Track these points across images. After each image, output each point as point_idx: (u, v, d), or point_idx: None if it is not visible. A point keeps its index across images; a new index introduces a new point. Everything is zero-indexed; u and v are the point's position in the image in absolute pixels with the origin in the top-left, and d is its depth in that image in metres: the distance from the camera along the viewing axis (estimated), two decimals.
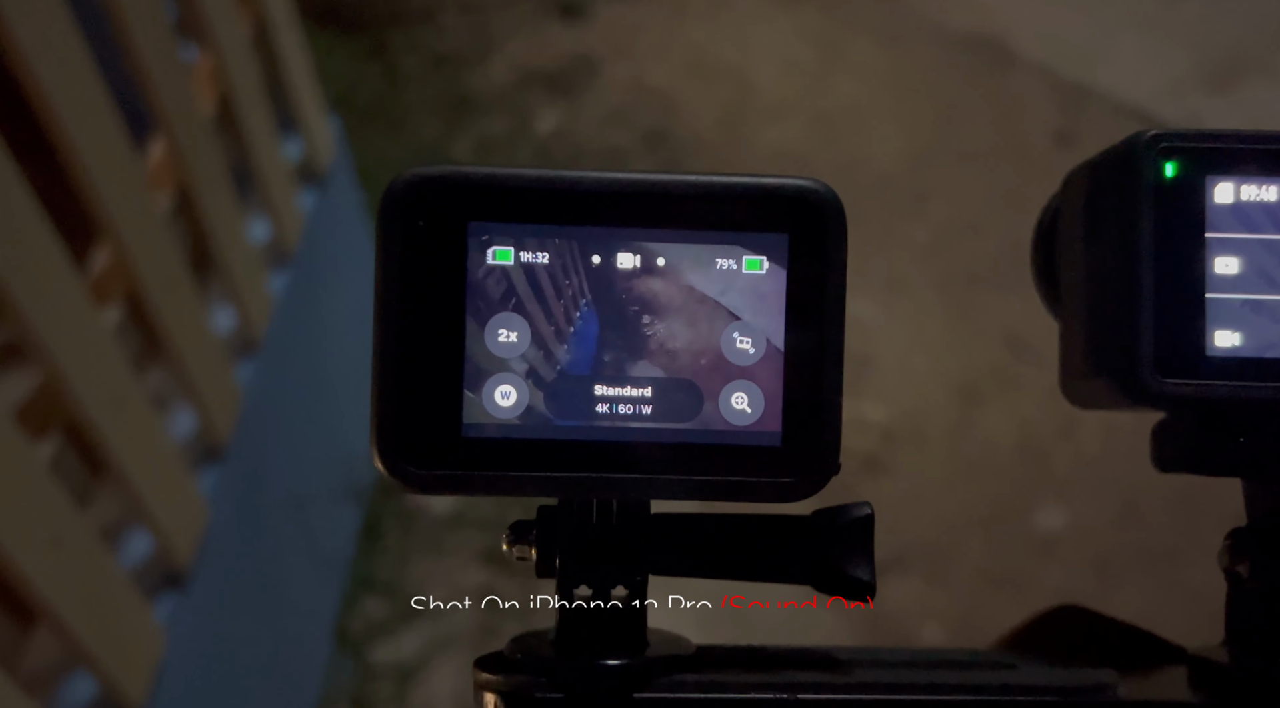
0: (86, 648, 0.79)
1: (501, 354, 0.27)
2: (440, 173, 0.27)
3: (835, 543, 0.30)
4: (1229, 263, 0.29)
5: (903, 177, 2.00)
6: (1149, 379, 0.28)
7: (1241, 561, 0.30)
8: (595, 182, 0.27)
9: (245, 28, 1.24)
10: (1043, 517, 1.48)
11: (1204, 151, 0.29)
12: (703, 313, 0.27)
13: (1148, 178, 0.28)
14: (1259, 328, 0.28)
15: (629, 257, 0.27)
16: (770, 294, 0.27)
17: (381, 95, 2.21)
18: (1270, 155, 0.29)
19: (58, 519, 0.77)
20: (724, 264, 0.27)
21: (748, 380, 0.27)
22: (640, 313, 0.27)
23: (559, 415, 0.27)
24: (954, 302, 1.75)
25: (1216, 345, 0.28)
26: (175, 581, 0.96)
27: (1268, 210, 0.29)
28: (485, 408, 0.27)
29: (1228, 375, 0.28)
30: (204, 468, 1.05)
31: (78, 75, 0.84)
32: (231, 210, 1.12)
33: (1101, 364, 0.30)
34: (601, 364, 0.27)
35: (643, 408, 0.27)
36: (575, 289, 0.27)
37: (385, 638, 1.37)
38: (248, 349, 1.16)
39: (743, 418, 0.27)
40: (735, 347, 0.27)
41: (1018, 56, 2.19)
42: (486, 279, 0.27)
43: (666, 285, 0.27)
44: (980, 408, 1.61)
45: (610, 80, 2.23)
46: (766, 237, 0.27)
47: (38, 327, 0.76)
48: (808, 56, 2.26)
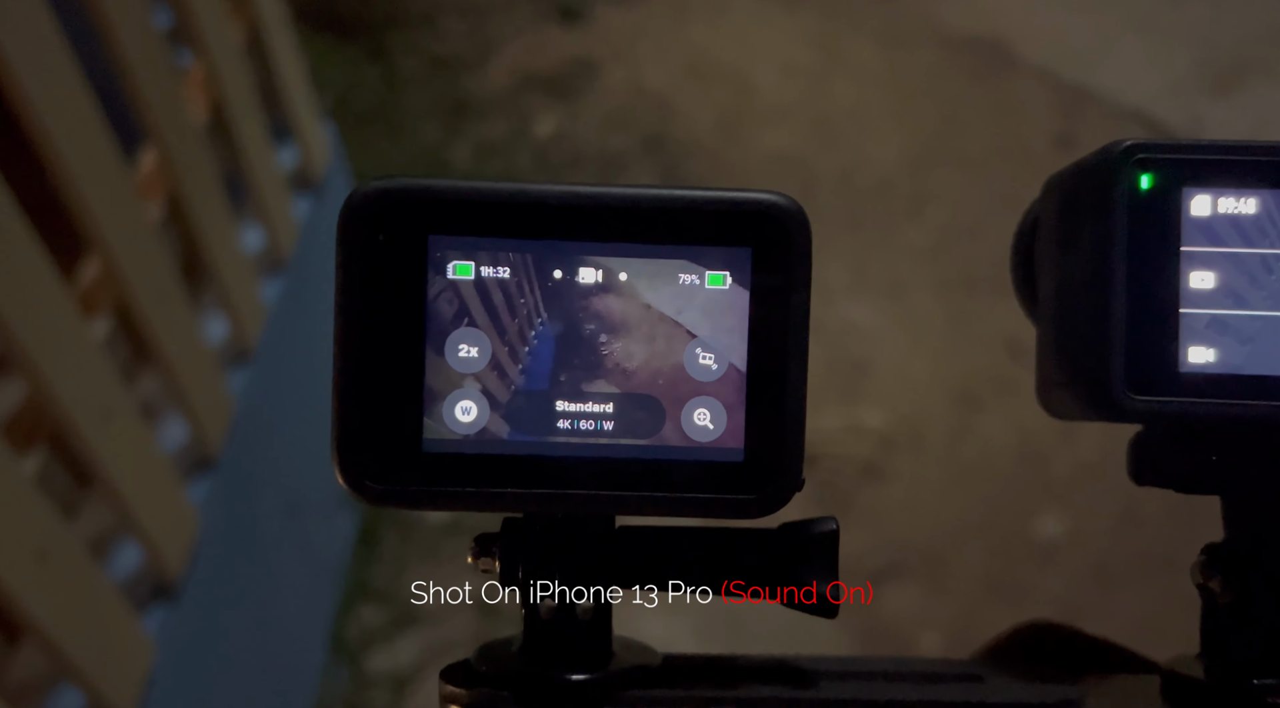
0: (73, 662, 0.79)
1: (462, 369, 0.27)
2: (400, 186, 0.27)
3: (800, 559, 0.29)
4: (1204, 277, 0.28)
5: (902, 180, 1.99)
6: (1120, 395, 0.28)
7: (1214, 576, 0.30)
8: (557, 195, 0.27)
9: (238, 34, 1.23)
10: (1042, 523, 1.47)
11: (1181, 163, 0.28)
12: (664, 329, 0.27)
13: (1123, 189, 0.28)
14: (1233, 345, 0.28)
15: (590, 271, 0.27)
16: (733, 309, 0.27)
17: (380, 99, 2.21)
18: (1248, 166, 0.28)
19: (44, 532, 0.76)
20: (686, 279, 0.27)
21: (710, 397, 0.27)
22: (601, 329, 0.27)
23: (520, 431, 0.27)
24: (953, 306, 1.75)
25: (1190, 362, 0.28)
26: (165, 592, 0.96)
27: (1245, 223, 0.28)
28: (446, 423, 0.27)
29: (1201, 392, 0.28)
30: (195, 478, 1.05)
31: (64, 84, 0.84)
32: (224, 219, 1.12)
33: (1074, 376, 0.29)
34: (560, 380, 0.27)
35: (604, 424, 0.27)
36: (532, 305, 0.27)
37: (381, 646, 1.37)
38: (240, 358, 1.16)
39: (705, 434, 0.27)
40: (697, 363, 0.27)
41: (1018, 59, 2.18)
42: (447, 293, 0.27)
43: (627, 301, 0.27)
44: (979, 413, 1.60)
45: (609, 83, 2.22)
46: (729, 251, 0.27)
47: (24, 339, 0.75)
48: (807, 59, 2.25)
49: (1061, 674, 0.31)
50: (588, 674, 0.28)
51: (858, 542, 1.47)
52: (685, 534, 0.30)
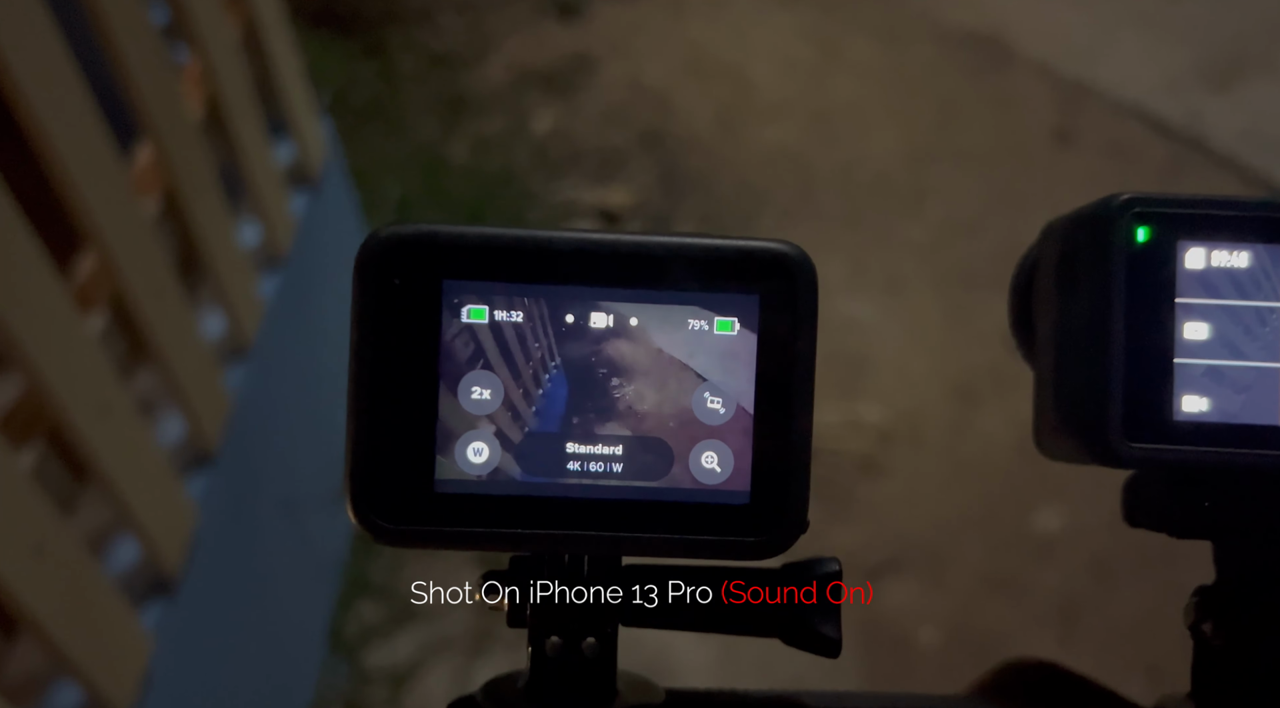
0: (71, 656, 0.79)
1: (474, 411, 0.27)
2: (415, 232, 0.27)
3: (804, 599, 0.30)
4: (1198, 328, 0.29)
5: (901, 175, 1.99)
6: (1116, 442, 0.28)
7: (1207, 619, 0.31)
8: (569, 241, 0.27)
9: (234, 30, 1.23)
10: (1040, 518, 1.47)
11: (1177, 217, 0.29)
12: (674, 373, 0.28)
13: (1120, 241, 0.28)
14: (1226, 394, 0.28)
15: (602, 316, 0.28)
16: (741, 355, 0.28)
17: (378, 95, 2.21)
18: (1242, 221, 0.28)
19: (40, 527, 0.76)
20: (695, 324, 0.28)
21: (717, 440, 0.28)
22: (611, 372, 0.28)
23: (530, 472, 0.28)
24: (952, 302, 1.75)
25: (1184, 410, 0.28)
26: (164, 587, 0.96)
27: (1238, 277, 0.29)
28: (458, 464, 0.27)
29: (1194, 440, 0.28)
30: (193, 473, 1.05)
31: (61, 79, 0.83)
32: (221, 214, 1.12)
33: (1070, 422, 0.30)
34: (571, 423, 0.28)
35: (614, 466, 0.28)
36: (545, 349, 0.27)
37: (380, 642, 1.37)
38: (238, 353, 1.16)
39: (712, 477, 0.28)
40: (705, 406, 0.28)
41: (1017, 54, 2.18)
42: (460, 337, 0.27)
43: (637, 346, 0.28)
44: (978, 409, 1.60)
45: (607, 80, 2.22)
46: (737, 298, 0.28)
47: (20, 333, 0.75)
48: (806, 55, 2.25)
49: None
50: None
51: (856, 537, 1.47)
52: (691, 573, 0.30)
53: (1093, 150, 2.00)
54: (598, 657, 0.30)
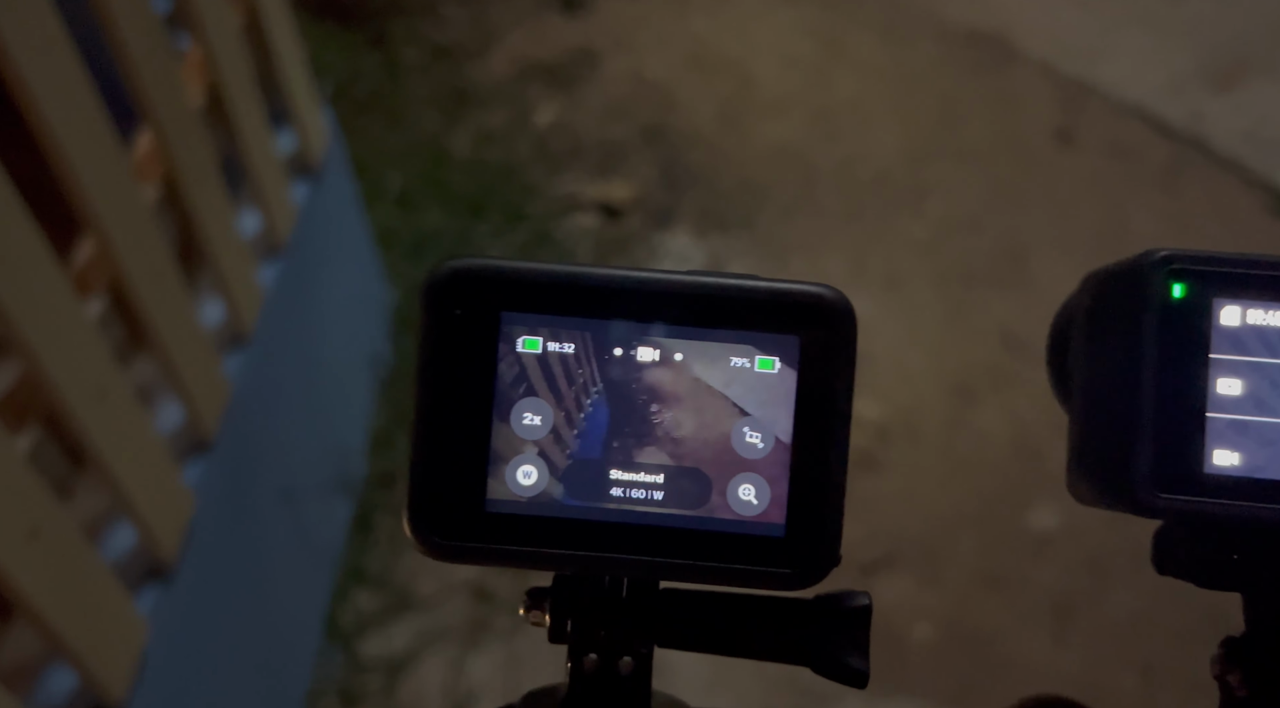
0: (65, 641, 0.79)
1: (525, 436, 0.29)
2: (478, 266, 0.29)
3: (833, 630, 0.31)
4: (1231, 384, 0.29)
5: (902, 173, 1.99)
6: (1146, 492, 0.29)
7: (1233, 671, 0.31)
8: (622, 279, 0.29)
9: (237, 18, 1.23)
10: (1036, 516, 1.48)
11: (1212, 274, 0.29)
12: (715, 407, 0.29)
13: (1156, 297, 0.29)
14: (1258, 449, 0.29)
15: (649, 350, 0.29)
16: (781, 392, 0.29)
17: (381, 86, 2.21)
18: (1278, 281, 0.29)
19: (36, 511, 0.76)
20: (738, 362, 0.29)
21: (755, 473, 0.29)
22: (654, 403, 0.29)
23: (575, 496, 0.29)
24: (951, 299, 1.75)
25: (1215, 464, 0.29)
26: (159, 573, 0.96)
27: (1272, 335, 0.29)
28: (508, 486, 0.29)
29: (1224, 494, 0.29)
30: (191, 460, 1.05)
31: (62, 65, 0.83)
32: (221, 202, 1.12)
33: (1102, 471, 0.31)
34: (614, 448, 0.29)
35: (654, 493, 0.29)
36: (588, 376, 0.29)
37: (375, 630, 1.37)
38: (237, 341, 1.16)
39: (749, 509, 0.29)
40: (745, 440, 0.29)
41: (1019, 53, 2.18)
42: (515, 366, 0.29)
43: (680, 380, 0.29)
44: (975, 406, 1.60)
45: (610, 73, 2.22)
46: (779, 338, 0.29)
47: (18, 318, 0.75)
48: (808, 51, 2.25)
49: None
50: None
51: (852, 533, 1.47)
52: (725, 600, 0.32)
53: (1094, 150, 2.00)
54: (633, 676, 0.31)
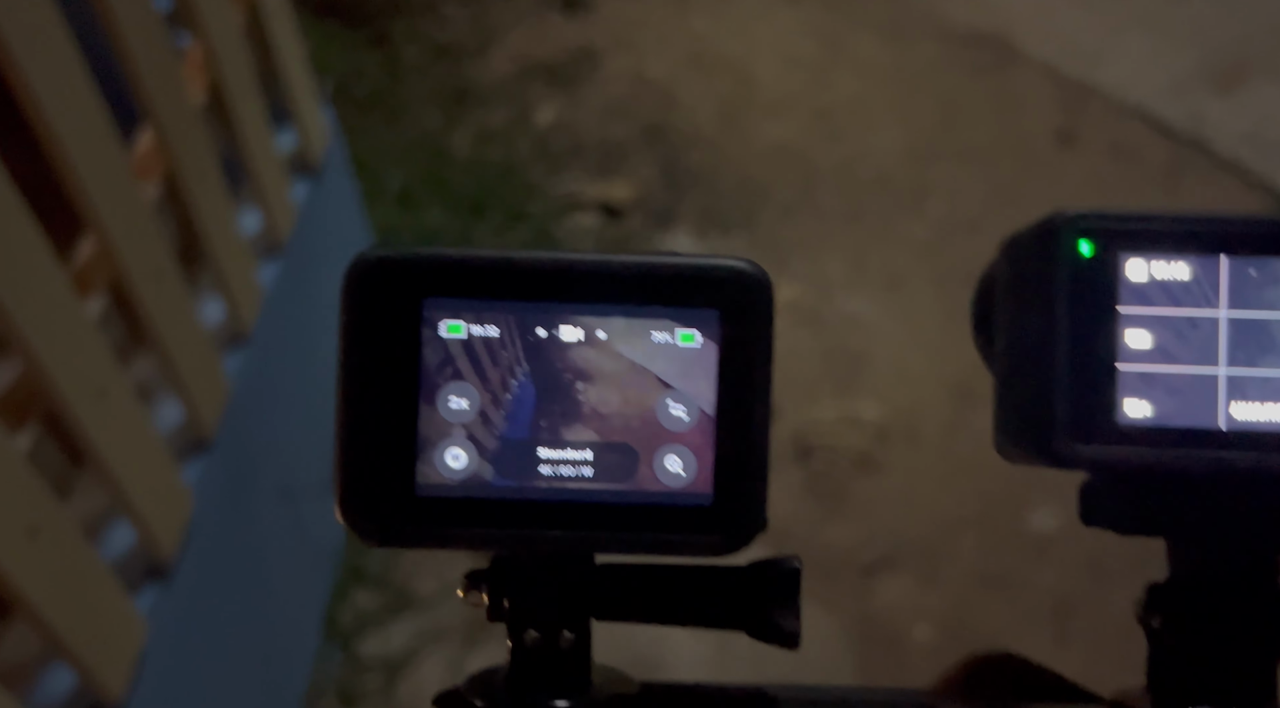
0: (64, 640, 0.79)
1: (452, 420, 0.29)
2: (399, 255, 0.29)
3: (766, 595, 0.32)
4: (1140, 336, 0.30)
5: (903, 173, 1.99)
6: (1063, 444, 0.30)
7: (1155, 615, 0.32)
8: (542, 261, 0.29)
9: (238, 16, 1.23)
10: (1036, 517, 1.48)
11: (1119, 231, 0.30)
12: (639, 382, 0.29)
13: (1065, 255, 0.30)
14: (1167, 398, 0.30)
15: (571, 330, 0.29)
16: (703, 365, 0.29)
17: (381, 85, 2.21)
18: (1180, 235, 0.30)
19: (35, 510, 0.76)
20: (660, 337, 0.29)
21: (681, 445, 0.29)
22: (579, 381, 0.29)
23: (504, 476, 0.29)
24: (951, 300, 1.74)
25: (1127, 414, 0.30)
26: (158, 572, 0.96)
27: (1177, 288, 0.30)
28: (437, 470, 0.29)
29: (1138, 442, 0.30)
30: (190, 459, 1.05)
31: (62, 63, 0.83)
32: (221, 201, 1.12)
33: (1022, 427, 0.31)
34: (541, 428, 0.29)
35: (583, 470, 0.29)
36: (513, 358, 0.29)
37: (375, 630, 1.37)
38: (237, 340, 1.16)
39: (676, 480, 0.29)
40: (669, 413, 0.29)
41: (1021, 54, 2.18)
42: (439, 350, 0.29)
43: (604, 357, 0.29)
44: (975, 408, 1.60)
45: (611, 73, 2.22)
46: (698, 312, 0.29)
47: (18, 316, 0.75)
48: (809, 51, 2.25)
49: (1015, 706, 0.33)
50: (569, 702, 0.31)
51: (852, 534, 1.47)
52: (660, 571, 0.32)
53: (1095, 151, 2.00)
54: (573, 649, 0.31)
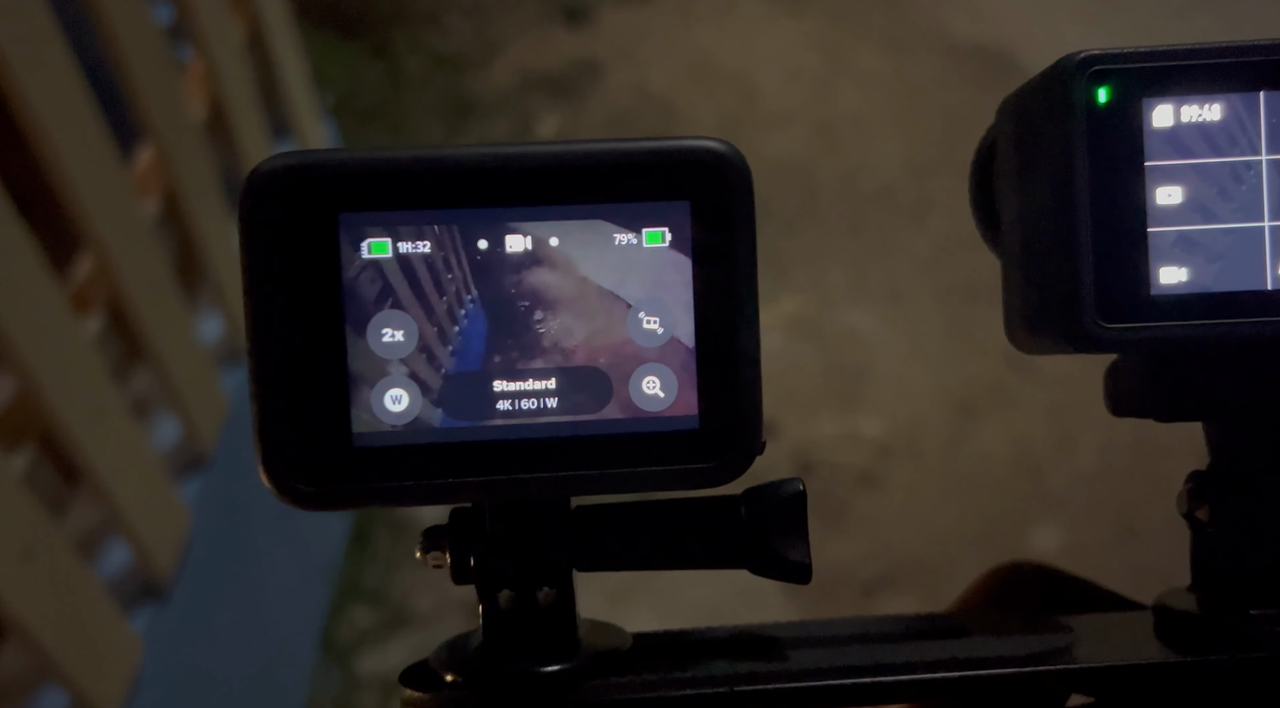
0: (58, 661, 0.78)
1: (387, 355, 0.25)
2: (303, 161, 0.25)
3: (768, 524, 0.28)
4: (1171, 192, 0.26)
5: (905, 187, 1.98)
6: (1091, 325, 0.26)
7: (1201, 505, 0.29)
8: (473, 158, 0.25)
9: (240, 30, 1.23)
10: (1037, 535, 1.47)
11: (1139, 72, 0.26)
12: (603, 295, 0.25)
13: (1079, 104, 0.26)
14: (1206, 262, 0.26)
15: (518, 239, 0.25)
16: (675, 268, 0.25)
17: (383, 96, 2.21)
18: (1211, 71, 0.26)
19: (31, 531, 0.76)
20: (622, 239, 0.25)
21: (658, 363, 0.25)
22: (535, 301, 0.25)
23: (455, 417, 0.25)
24: (953, 315, 1.74)
25: (1161, 284, 0.26)
26: (155, 591, 0.95)
27: (1210, 131, 0.26)
28: (375, 414, 0.25)
29: (1175, 315, 0.26)
30: (187, 476, 1.04)
31: (61, 78, 0.83)
32: (221, 216, 1.12)
33: (1042, 309, 0.28)
34: (495, 360, 0.25)
35: (547, 401, 0.25)
36: (459, 282, 0.25)
37: (372, 647, 1.36)
38: (235, 356, 1.16)
39: (656, 403, 0.26)
40: (641, 329, 0.25)
41: (1024, 68, 2.17)
42: (363, 275, 0.25)
43: (561, 268, 0.25)
44: (977, 423, 1.59)
45: (613, 84, 2.22)
46: (666, 205, 0.25)
47: (15, 335, 0.75)
48: (812, 64, 2.24)
49: (1047, 621, 0.30)
50: (556, 665, 0.27)
51: (853, 550, 1.46)
52: (645, 508, 0.28)
53: None
54: (555, 606, 0.27)
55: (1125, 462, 1.50)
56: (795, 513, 0.28)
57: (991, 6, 2.29)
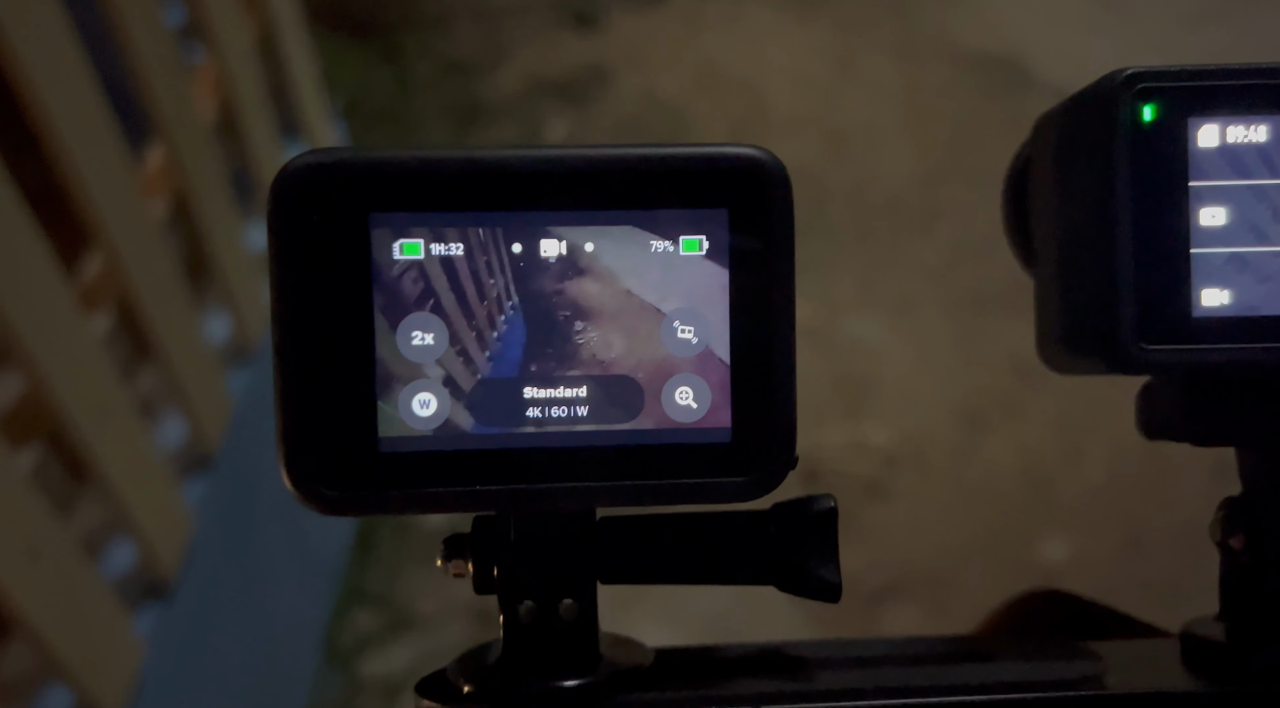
0: (62, 660, 0.78)
1: (417, 359, 0.25)
2: (334, 159, 0.24)
3: (798, 540, 0.27)
4: (1215, 213, 0.26)
5: (913, 196, 1.98)
6: (1131, 346, 0.26)
7: (1235, 533, 0.28)
8: (510, 160, 0.24)
9: (250, 32, 1.23)
10: (1045, 547, 1.46)
11: (1186, 91, 0.26)
12: (637, 303, 0.25)
13: (1124, 122, 0.26)
14: (1249, 284, 0.26)
15: (553, 244, 0.25)
16: (711, 277, 0.25)
17: (392, 101, 2.21)
18: (1258, 91, 0.26)
19: (36, 530, 0.75)
20: (658, 246, 0.25)
21: (691, 373, 0.25)
22: (569, 307, 0.25)
23: (486, 423, 0.25)
24: (961, 325, 1.73)
25: (1203, 305, 0.26)
26: (158, 591, 0.95)
27: (1256, 153, 0.26)
28: (403, 419, 0.25)
29: (1216, 338, 0.26)
30: (192, 477, 1.04)
31: (72, 78, 0.83)
32: (230, 217, 1.12)
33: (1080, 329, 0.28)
34: (529, 365, 0.25)
35: (578, 409, 0.25)
36: (501, 286, 0.25)
37: (375, 650, 1.36)
38: (242, 357, 1.15)
39: (688, 414, 0.25)
40: (675, 338, 0.25)
41: (1034, 78, 2.17)
42: (395, 277, 0.24)
43: (595, 274, 0.25)
44: (984, 434, 1.59)
45: (621, 91, 2.22)
46: (704, 212, 0.25)
47: (23, 333, 0.75)
48: (821, 72, 2.24)
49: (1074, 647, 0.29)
50: (576, 680, 0.26)
51: (859, 560, 1.46)
52: (672, 521, 0.28)
53: None
54: (577, 620, 0.27)
55: (1134, 474, 1.50)
56: (826, 530, 0.27)
57: (1001, 16, 2.29)
